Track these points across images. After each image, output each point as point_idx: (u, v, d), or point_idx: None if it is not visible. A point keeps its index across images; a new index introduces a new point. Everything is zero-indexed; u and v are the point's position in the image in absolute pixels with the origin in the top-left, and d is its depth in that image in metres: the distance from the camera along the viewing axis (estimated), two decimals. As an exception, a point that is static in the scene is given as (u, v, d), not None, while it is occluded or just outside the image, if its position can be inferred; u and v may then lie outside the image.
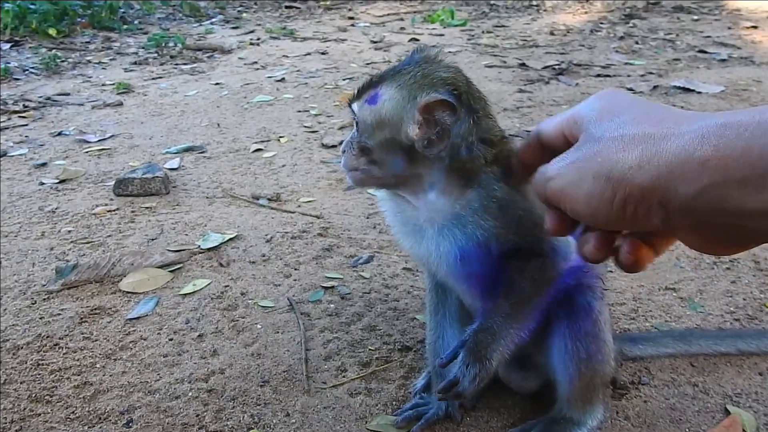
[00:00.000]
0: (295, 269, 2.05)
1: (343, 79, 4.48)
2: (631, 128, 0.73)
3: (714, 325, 1.68)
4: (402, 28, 6.61)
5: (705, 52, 4.90)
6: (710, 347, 1.54)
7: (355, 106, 1.17)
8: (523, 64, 4.74)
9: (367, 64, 4.98)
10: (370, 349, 1.65)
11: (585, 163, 0.76)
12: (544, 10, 7.51)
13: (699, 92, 3.79)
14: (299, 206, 2.51)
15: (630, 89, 3.95)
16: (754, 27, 5.74)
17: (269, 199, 2.56)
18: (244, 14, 7.91)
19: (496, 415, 1.41)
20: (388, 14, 7.66)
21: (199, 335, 1.72)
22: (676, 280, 1.89)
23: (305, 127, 3.47)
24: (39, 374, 1.56)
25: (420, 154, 1.10)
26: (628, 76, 4.33)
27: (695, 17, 6.47)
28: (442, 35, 6.17)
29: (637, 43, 5.40)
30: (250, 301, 1.87)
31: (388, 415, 1.42)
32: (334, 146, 3.14)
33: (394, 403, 1.46)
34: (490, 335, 1.13)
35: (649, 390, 1.46)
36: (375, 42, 5.88)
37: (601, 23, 6.39)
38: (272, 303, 1.87)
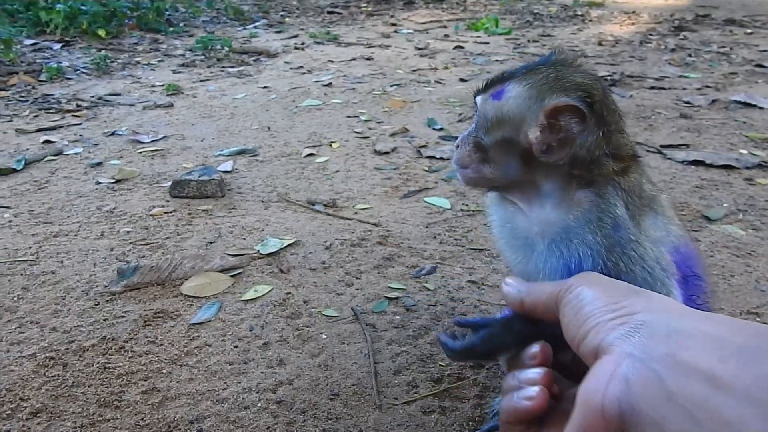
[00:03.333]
0: (357, 278, 2.01)
1: (391, 86, 4.45)
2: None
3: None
4: (446, 35, 6.56)
5: (763, 66, 4.77)
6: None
7: (479, 98, 1.11)
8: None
9: (414, 70, 4.94)
10: (440, 365, 1.59)
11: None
12: (590, 20, 7.40)
13: (761, 107, 3.67)
14: (356, 213, 2.47)
15: (687, 103, 3.85)
16: (813, 41, 5.57)
17: (325, 205, 2.53)
18: (287, 19, 7.94)
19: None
20: (431, 21, 7.62)
21: (264, 343, 1.68)
22: (758, 305, 1.80)
23: (356, 132, 3.44)
24: (106, 378, 1.53)
25: (537, 159, 1.05)
26: (684, 89, 4.22)
27: (748, 30, 6.31)
28: (487, 43, 6.11)
29: (689, 55, 5.28)
30: (313, 310, 1.83)
31: (466, 436, 1.36)
32: (386, 153, 3.10)
33: (470, 423, 1.40)
34: None
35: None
36: (420, 49, 5.84)
37: (650, 35, 6.27)
38: (336, 312, 1.82)
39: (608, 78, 4.49)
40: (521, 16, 7.91)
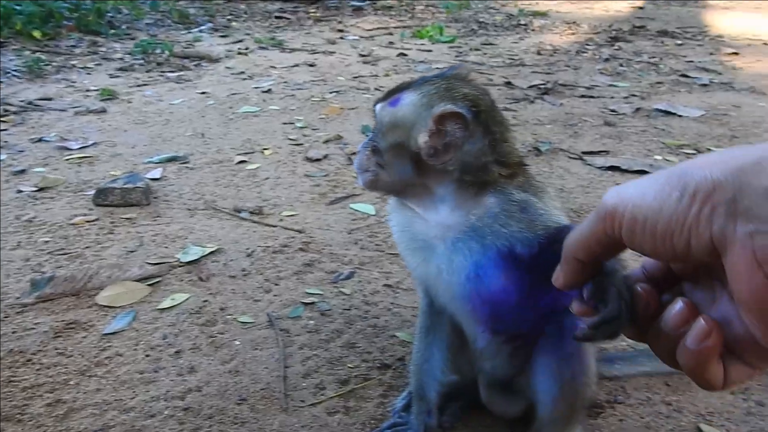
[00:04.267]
0: (276, 285, 2.04)
1: (330, 92, 4.48)
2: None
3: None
4: (391, 43, 6.64)
5: (687, 76, 4.97)
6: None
7: (378, 106, 1.21)
8: (509, 83, 4.78)
9: (355, 77, 4.99)
10: (349, 367, 1.64)
11: (658, 173, 0.66)
12: (532, 30, 7.58)
13: (680, 116, 3.84)
14: (281, 220, 2.49)
15: (613, 111, 4.00)
16: (735, 53, 5.84)
17: (251, 212, 2.55)
18: (234, 23, 7.90)
19: (474, 437, 1.41)
20: (378, 28, 7.69)
21: (176, 351, 1.70)
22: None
23: (290, 139, 3.46)
24: (10, 392, 1.53)
25: (428, 164, 1.12)
26: (612, 97, 4.38)
27: (679, 42, 6.57)
28: (430, 51, 6.20)
29: (621, 65, 5.47)
30: (229, 317, 1.86)
31: (365, 436, 1.41)
32: (318, 160, 3.13)
33: (372, 421, 1.45)
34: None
35: (624, 409, 1.47)
36: (363, 56, 5.89)
37: (587, 45, 6.47)
38: (252, 319, 1.85)
39: (542, 86, 4.62)
40: (467, 25, 8.04)
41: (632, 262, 0.84)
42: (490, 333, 1.26)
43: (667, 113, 3.90)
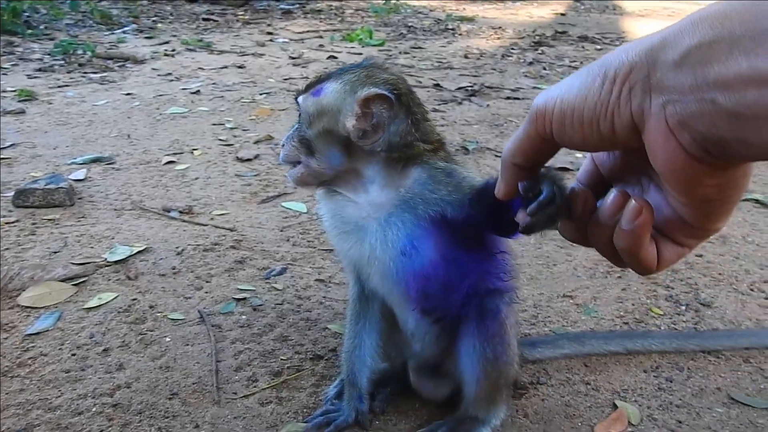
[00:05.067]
0: (207, 282, 2.03)
1: (260, 94, 4.47)
2: None
3: (606, 328, 1.79)
4: (321, 46, 6.66)
5: (605, 78, 5.22)
6: (601, 347, 1.65)
7: (300, 98, 1.25)
8: (438, 85, 4.89)
9: (285, 79, 4.99)
10: (281, 359, 1.65)
11: (579, 71, 0.71)
12: (460, 35, 7.76)
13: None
14: (212, 219, 2.48)
15: (537, 111, 4.16)
16: (649, 57, 6.16)
17: (181, 212, 2.52)
18: (159, 24, 7.74)
19: (404, 418, 1.45)
20: (308, 31, 7.70)
21: (104, 350, 1.67)
22: (573, 288, 2.01)
23: (220, 140, 3.44)
24: (-74, 392, 1.47)
25: (357, 147, 1.18)
26: (536, 99, 4.54)
27: (598, 47, 6.88)
28: (360, 54, 6.26)
29: (545, 68, 5.68)
30: (159, 314, 1.84)
31: (299, 422, 1.43)
32: (249, 160, 3.13)
33: (305, 410, 1.47)
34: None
35: (546, 389, 1.54)
36: (293, 58, 5.89)
37: (512, 49, 6.68)
38: (182, 316, 1.84)
39: (469, 89, 4.75)
40: (396, 29, 8.15)
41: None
42: (420, 312, 1.31)
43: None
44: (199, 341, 1.72)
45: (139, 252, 2.17)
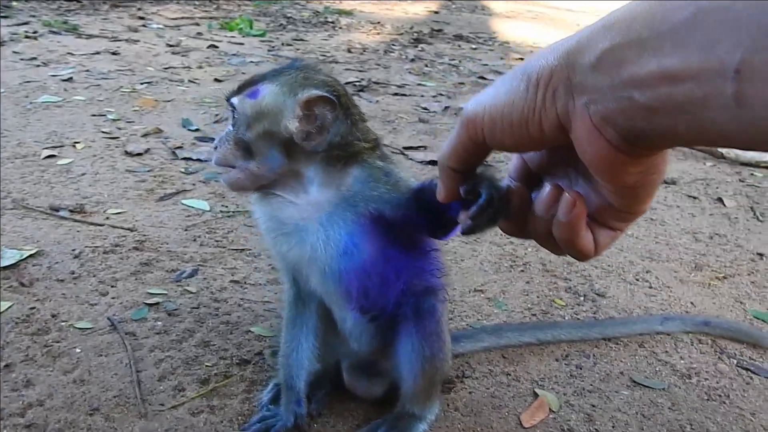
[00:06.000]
0: (112, 286, 1.91)
1: (141, 83, 4.23)
2: None
3: (517, 320, 1.91)
4: (199, 33, 6.40)
5: (484, 78, 5.47)
6: (516, 339, 1.75)
7: (235, 100, 1.21)
8: (326, 79, 4.88)
9: (166, 68, 4.76)
10: (207, 366, 1.60)
11: (503, 76, 0.76)
12: (340, 28, 7.78)
13: (484, 114, 4.22)
14: (108, 218, 2.33)
15: (425, 108, 4.28)
16: (521, 59, 6.52)
17: (71, 211, 2.35)
18: (15, 2, 7.07)
19: (342, 419, 1.47)
20: (182, 18, 7.37)
21: (6, 365, 1.53)
22: (482, 283, 2.11)
23: (103, 132, 3.22)
24: None
25: (298, 147, 1.17)
26: (422, 96, 4.67)
27: (473, 46, 7.17)
28: (242, 44, 6.10)
29: (426, 66, 5.85)
30: (63, 324, 1.71)
31: (235, 430, 1.40)
32: (139, 154, 2.96)
33: (240, 418, 1.44)
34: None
35: (471, 382, 1.62)
36: (171, 45, 5.62)
37: (393, 45, 6.80)
38: (90, 324, 1.73)
39: (357, 84, 4.79)
40: (275, 19, 8.02)
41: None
42: (358, 311, 1.32)
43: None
44: (113, 351, 1.63)
45: (30, 256, 2.00)
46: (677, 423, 1.50)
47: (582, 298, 2.03)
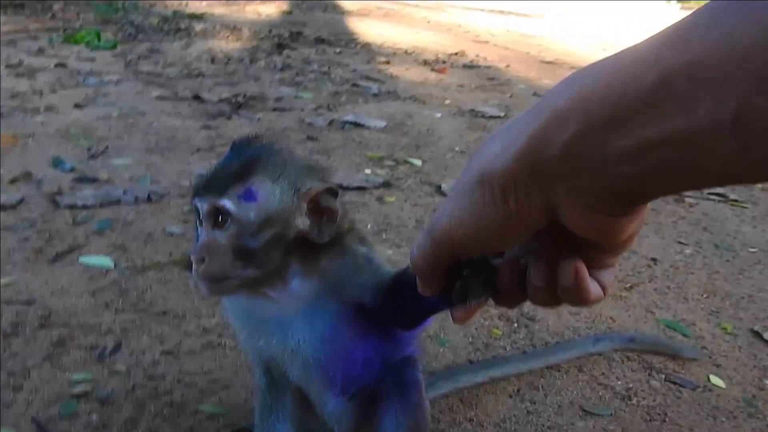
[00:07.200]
0: (25, 378, 1.69)
1: (-11, 115, 3.77)
2: (498, 129, 0.73)
3: (463, 356, 1.93)
4: (40, 49, 5.81)
5: (358, 86, 5.47)
6: (471, 380, 1.77)
7: (227, 203, 1.07)
8: (198, 97, 4.64)
9: (13, 95, 4.27)
10: (163, 461, 1.47)
11: (463, 181, 0.73)
12: (195, 35, 7.43)
13: (369, 127, 4.23)
14: (-3, 292, 2.06)
15: (310, 124, 4.21)
16: (387, 62, 6.60)
17: (-51, 288, 2.04)
18: None
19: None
20: (15, 30, 6.65)
21: None
22: (420, 318, 2.11)
23: (-40, 181, 2.84)
24: None
25: (299, 244, 1.11)
26: (302, 110, 4.58)
27: (337, 50, 7.15)
28: (93, 60, 5.63)
29: (297, 75, 5.74)
30: (-21, 435, 1.49)
31: None
32: (13, 207, 2.64)
33: None
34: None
35: (439, 434, 1.62)
36: (12, 66, 5.06)
37: (257, 53, 6.60)
38: (12, 429, 1.51)
39: (233, 101, 4.61)
40: (122, 28, 7.46)
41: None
42: (340, 394, 1.28)
43: (357, 125, 4.25)
44: (49, 460, 1.44)
45: None
46: (634, 448, 1.60)
47: (516, 325, 2.09)
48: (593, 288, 0.80)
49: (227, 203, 1.07)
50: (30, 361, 1.75)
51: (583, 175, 0.61)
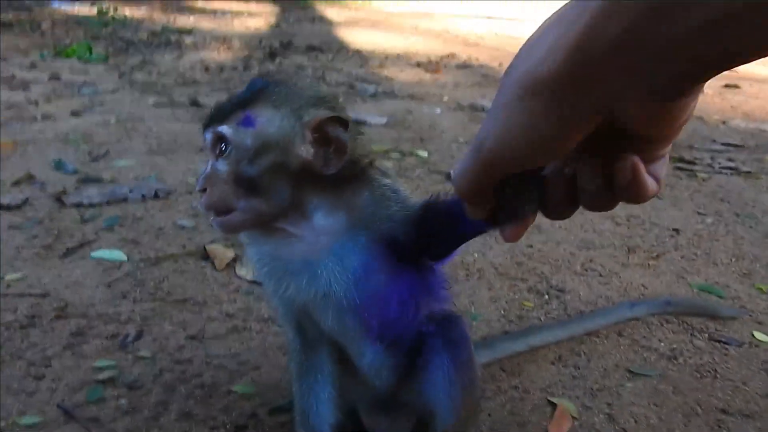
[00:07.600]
0: (47, 366, 1.63)
1: (-14, 125, 3.71)
2: (531, 37, 0.68)
3: (497, 329, 1.88)
4: (33, 64, 5.76)
5: (354, 87, 5.45)
6: (510, 348, 1.72)
7: (224, 130, 1.03)
8: (196, 102, 4.59)
9: (9, 106, 4.21)
10: (202, 441, 1.40)
11: (503, 97, 0.69)
12: (186, 47, 7.40)
13: (371, 124, 4.20)
14: (9, 286, 1.99)
15: (311, 123, 4.16)
16: (381, 66, 6.60)
17: (-41, 284, 1.97)
18: None
19: (375, 470, 1.35)
20: (5, 48, 6.59)
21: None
22: (447, 296, 2.06)
23: (-38, 186, 2.77)
24: None
25: (308, 175, 1.05)
26: (302, 110, 4.54)
27: (329, 56, 7.13)
28: (86, 72, 5.58)
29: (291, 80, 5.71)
30: (3, 425, 1.42)
31: None
32: (18, 207, 2.57)
33: (263, 493, 1.27)
34: None
35: (486, 403, 1.56)
36: (6, 80, 5.00)
37: (250, 61, 6.58)
38: (39, 418, 1.45)
39: (231, 104, 4.56)
40: (112, 42, 7.42)
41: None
42: (377, 340, 1.22)
43: (358, 122, 4.22)
44: (80, 445, 1.37)
45: (-71, 348, 1.64)
46: (687, 406, 1.54)
47: (546, 297, 2.05)
48: (649, 181, 0.75)
49: (225, 129, 1.04)
50: (50, 350, 1.68)
51: (646, 61, 0.57)
